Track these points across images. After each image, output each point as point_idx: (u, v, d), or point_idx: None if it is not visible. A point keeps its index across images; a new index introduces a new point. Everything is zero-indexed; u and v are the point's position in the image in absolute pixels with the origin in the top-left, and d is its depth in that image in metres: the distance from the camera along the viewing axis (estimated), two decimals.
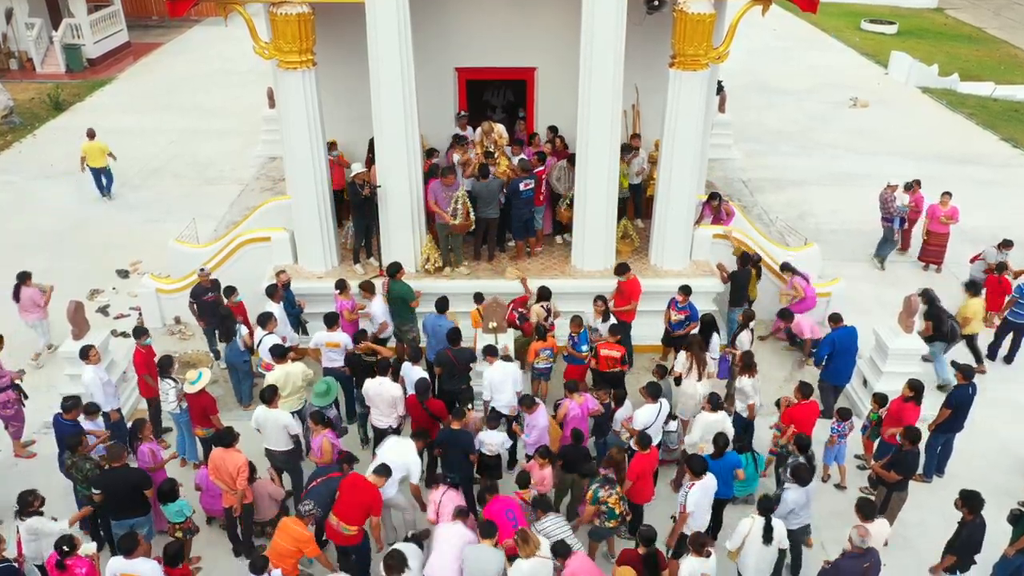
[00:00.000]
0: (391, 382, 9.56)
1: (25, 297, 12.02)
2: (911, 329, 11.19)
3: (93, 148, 17.31)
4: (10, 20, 26.62)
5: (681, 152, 11.75)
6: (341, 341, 10.41)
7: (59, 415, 9.18)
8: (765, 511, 7.85)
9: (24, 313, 12.11)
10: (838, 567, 7.57)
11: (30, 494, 8.11)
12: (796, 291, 12.13)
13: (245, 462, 8.46)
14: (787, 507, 8.29)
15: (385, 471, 8.18)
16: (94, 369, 9.88)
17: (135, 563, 7.40)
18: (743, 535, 7.85)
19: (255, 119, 20.59)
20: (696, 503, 8.19)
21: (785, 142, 21.47)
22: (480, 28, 12.94)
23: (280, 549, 7.79)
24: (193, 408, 9.60)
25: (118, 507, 8.46)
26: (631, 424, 9.37)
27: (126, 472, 8.41)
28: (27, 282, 12.03)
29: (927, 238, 15.09)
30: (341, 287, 11.20)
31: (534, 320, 11.00)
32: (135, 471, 8.54)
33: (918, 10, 37.95)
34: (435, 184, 11.75)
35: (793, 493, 8.32)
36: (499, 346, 10.28)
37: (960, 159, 20.47)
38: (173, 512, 8.42)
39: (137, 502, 8.46)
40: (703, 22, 10.88)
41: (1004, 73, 28.35)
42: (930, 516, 9.56)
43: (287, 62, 10.93)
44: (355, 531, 8.00)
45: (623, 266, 11.46)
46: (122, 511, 8.46)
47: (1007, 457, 10.75)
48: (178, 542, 7.63)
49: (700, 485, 8.20)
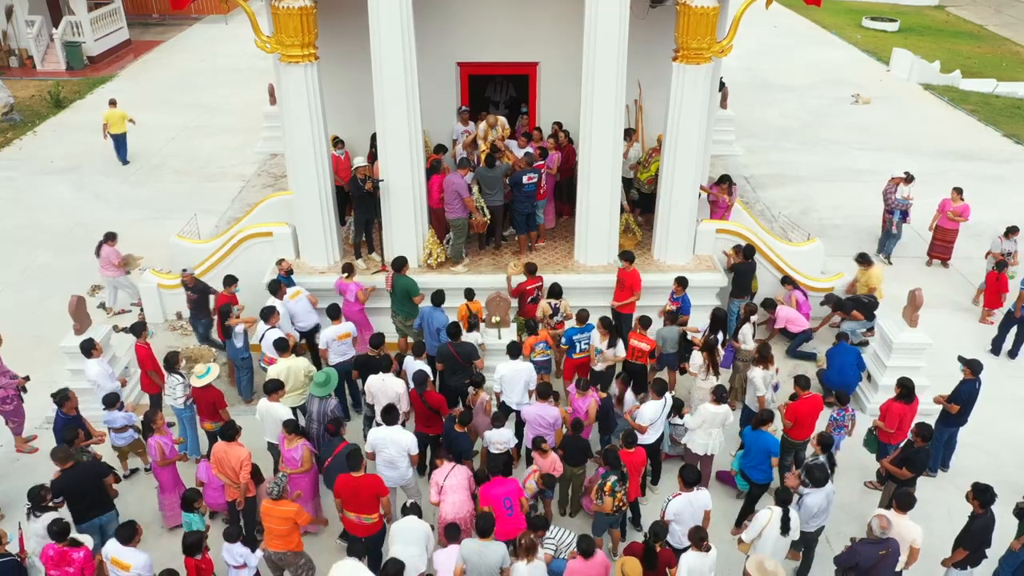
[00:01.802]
0: (394, 378, 9.53)
1: (104, 255, 12.97)
2: (916, 323, 11.16)
3: (115, 115, 18.73)
4: (10, 17, 26.56)
5: (684, 146, 11.72)
6: (350, 331, 10.50)
7: (59, 411, 9.17)
8: (783, 503, 7.82)
9: (102, 269, 13.12)
10: (855, 551, 7.56)
11: (42, 488, 8.07)
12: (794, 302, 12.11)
13: (247, 456, 8.45)
14: (809, 512, 8.17)
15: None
16: (99, 362, 9.89)
17: (128, 552, 7.44)
18: (761, 526, 7.81)
19: (256, 116, 20.56)
20: (677, 513, 8.07)
21: (787, 138, 21.43)
22: (482, 22, 12.91)
23: (277, 532, 7.88)
24: (201, 402, 9.58)
25: (82, 508, 8.31)
26: (634, 418, 9.36)
27: (80, 469, 8.34)
28: (110, 242, 13.00)
29: (935, 233, 15.06)
30: (348, 270, 11.29)
31: (539, 315, 10.98)
32: (88, 465, 8.51)
33: (919, 7, 37.89)
34: (453, 176, 11.73)
35: (812, 497, 8.18)
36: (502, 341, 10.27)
37: (963, 155, 20.45)
38: (193, 523, 8.28)
39: (100, 497, 8.39)
40: (707, 15, 10.84)
41: (1006, 70, 28.29)
42: (935, 510, 9.53)
43: (289, 56, 10.90)
44: (376, 518, 8.17)
45: (628, 253, 11.44)
46: (87, 510, 8.33)
47: (1012, 451, 10.72)
48: (197, 533, 7.60)
49: (687, 497, 8.07)
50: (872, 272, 12.43)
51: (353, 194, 11.91)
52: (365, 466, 8.17)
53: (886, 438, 9.60)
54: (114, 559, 7.45)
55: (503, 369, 9.70)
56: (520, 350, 9.84)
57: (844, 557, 7.63)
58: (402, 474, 8.76)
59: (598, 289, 11.95)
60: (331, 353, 10.49)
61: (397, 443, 8.60)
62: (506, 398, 9.76)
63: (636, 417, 9.36)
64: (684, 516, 8.10)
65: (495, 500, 8.00)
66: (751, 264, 11.99)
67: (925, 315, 11.35)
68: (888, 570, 7.58)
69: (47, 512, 7.98)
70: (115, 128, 18.77)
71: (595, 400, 9.41)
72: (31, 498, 8.02)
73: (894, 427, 9.42)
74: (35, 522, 7.90)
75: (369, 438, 8.79)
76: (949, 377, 10.52)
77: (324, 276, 12.11)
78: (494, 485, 8.14)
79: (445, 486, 8.21)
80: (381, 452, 8.68)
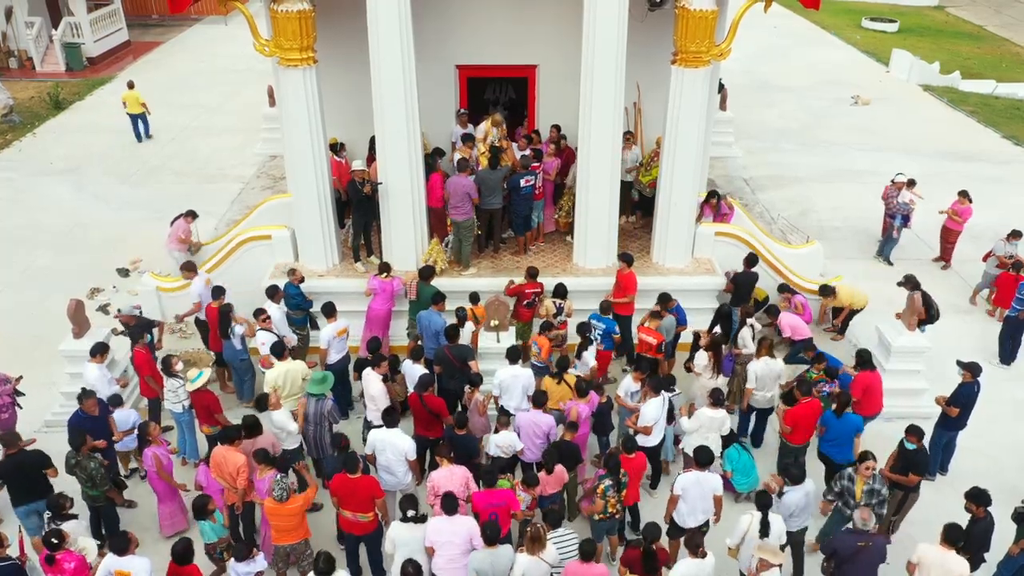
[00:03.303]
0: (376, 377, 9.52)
1: (174, 227, 13.25)
2: (914, 327, 11.16)
3: (131, 97, 20.35)
4: (10, 19, 26.54)
5: (683, 149, 11.72)
6: (348, 327, 10.62)
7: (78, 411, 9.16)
8: (762, 507, 7.88)
9: (168, 241, 13.34)
10: (834, 539, 7.89)
11: (60, 496, 8.15)
12: (798, 308, 12.08)
13: (245, 461, 8.43)
14: (787, 510, 8.25)
15: None
16: (99, 367, 9.85)
17: (126, 560, 7.46)
18: (743, 531, 7.87)
19: (255, 117, 20.57)
20: (685, 488, 8.17)
21: (786, 139, 21.43)
22: (481, 25, 12.90)
23: (286, 527, 7.92)
24: (197, 406, 9.60)
25: (20, 492, 8.73)
26: (636, 422, 9.36)
27: (22, 457, 8.69)
28: (187, 219, 13.27)
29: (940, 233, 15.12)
30: (386, 269, 11.38)
31: (543, 314, 10.97)
32: (31, 454, 8.78)
33: (919, 8, 37.86)
34: (458, 178, 11.73)
35: (791, 495, 8.27)
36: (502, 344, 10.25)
37: (962, 156, 20.44)
38: (207, 531, 8.25)
39: (39, 485, 8.73)
40: (705, 19, 10.84)
41: (1005, 71, 28.28)
42: (934, 514, 9.48)
43: (288, 60, 10.89)
44: (371, 516, 8.23)
45: (628, 255, 11.48)
46: (24, 496, 8.72)
47: (1010, 455, 10.72)
48: (185, 540, 7.58)
49: (696, 475, 8.17)
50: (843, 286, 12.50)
51: (352, 197, 11.89)
52: (362, 468, 8.17)
53: (858, 409, 9.77)
54: (117, 572, 7.45)
55: (502, 374, 9.68)
56: (519, 355, 9.82)
57: (825, 544, 7.96)
58: (400, 480, 8.75)
59: (597, 292, 11.93)
60: (332, 351, 10.50)
61: (395, 446, 8.59)
62: (505, 403, 9.74)
63: (639, 420, 9.34)
64: (691, 493, 8.18)
65: (482, 511, 7.96)
66: (753, 275, 11.95)
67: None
68: (869, 564, 7.70)
69: (67, 520, 8.03)
70: (132, 108, 20.38)
71: (591, 408, 9.38)
72: (50, 506, 8.11)
73: (859, 395, 9.71)
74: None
75: (369, 439, 8.79)
76: (949, 380, 10.50)
77: (323, 280, 12.11)
78: (486, 495, 8.07)
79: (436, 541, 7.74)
80: (379, 455, 8.67)
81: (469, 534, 7.60)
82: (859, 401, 9.72)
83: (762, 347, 10.27)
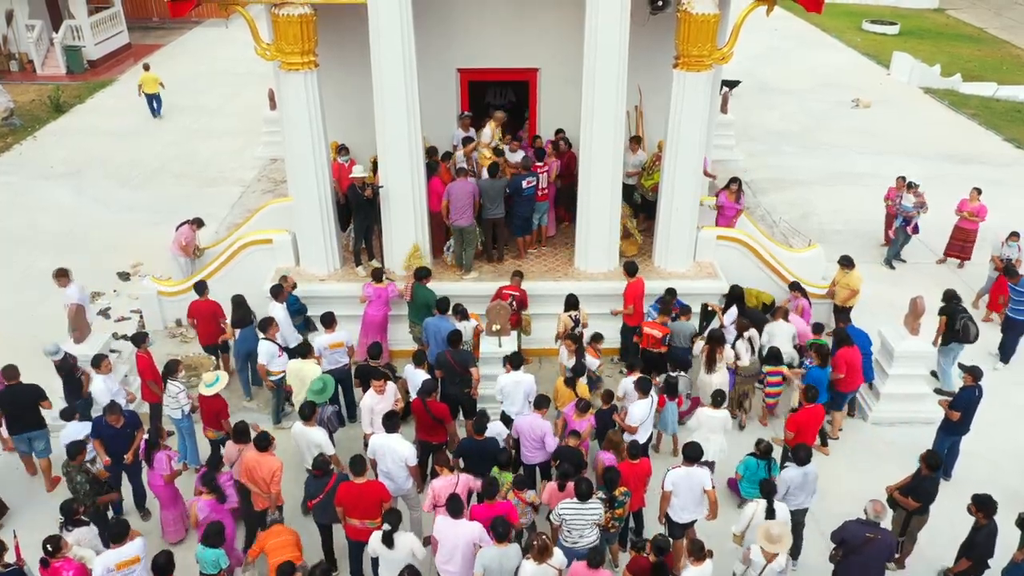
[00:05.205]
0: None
1: (177, 232, 13.38)
2: (918, 331, 11.11)
3: (148, 78, 21.98)
4: (10, 22, 26.55)
5: (685, 153, 11.69)
6: (344, 340, 10.48)
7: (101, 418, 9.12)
8: (767, 494, 8.02)
9: (172, 245, 13.44)
10: (845, 526, 7.92)
11: (73, 502, 8.13)
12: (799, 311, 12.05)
13: (280, 466, 8.39)
14: (784, 485, 8.39)
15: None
16: (104, 379, 9.75)
17: (126, 548, 7.48)
18: (748, 518, 8.02)
19: (255, 120, 20.56)
20: (675, 484, 8.25)
21: (787, 142, 21.41)
22: (482, 29, 12.88)
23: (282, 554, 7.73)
24: (205, 411, 9.55)
25: (17, 421, 9.59)
26: (626, 421, 9.39)
27: (22, 388, 9.48)
28: (193, 226, 13.45)
29: (953, 233, 15.13)
30: (378, 276, 11.34)
31: (560, 329, 10.88)
32: (30, 387, 9.53)
33: (919, 10, 37.88)
34: (460, 184, 11.67)
35: (789, 471, 8.45)
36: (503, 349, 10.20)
37: (963, 159, 20.42)
38: (209, 561, 7.72)
39: (34, 416, 9.60)
40: (707, 22, 10.82)
41: (1006, 73, 28.27)
42: (938, 520, 9.44)
43: (289, 63, 10.87)
44: (379, 523, 8.06)
45: (631, 265, 11.44)
46: (22, 425, 9.60)
47: (1014, 460, 10.68)
48: (167, 552, 7.51)
49: (686, 470, 8.25)
50: (853, 274, 12.29)
51: (352, 201, 11.87)
52: (367, 472, 8.14)
53: (842, 386, 10.38)
54: (119, 564, 7.43)
55: (504, 380, 9.65)
56: (521, 361, 9.78)
57: (835, 532, 8.00)
58: (400, 486, 8.67)
59: (599, 296, 11.92)
60: (324, 362, 10.45)
61: (395, 452, 8.52)
62: (506, 408, 9.71)
63: (626, 419, 9.38)
64: (681, 488, 8.30)
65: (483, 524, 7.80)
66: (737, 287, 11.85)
67: (927, 322, 11.32)
68: (877, 557, 7.78)
69: (80, 527, 8.01)
70: (148, 88, 21.97)
71: (591, 424, 9.31)
72: (63, 512, 8.06)
73: (843, 372, 10.24)
74: (67, 536, 7.87)
75: (370, 444, 8.75)
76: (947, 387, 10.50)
77: (324, 284, 12.09)
78: (485, 509, 7.93)
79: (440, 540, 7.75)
80: (380, 461, 8.62)
81: (472, 538, 7.55)
82: (843, 377, 10.28)
83: (777, 312, 10.96)
